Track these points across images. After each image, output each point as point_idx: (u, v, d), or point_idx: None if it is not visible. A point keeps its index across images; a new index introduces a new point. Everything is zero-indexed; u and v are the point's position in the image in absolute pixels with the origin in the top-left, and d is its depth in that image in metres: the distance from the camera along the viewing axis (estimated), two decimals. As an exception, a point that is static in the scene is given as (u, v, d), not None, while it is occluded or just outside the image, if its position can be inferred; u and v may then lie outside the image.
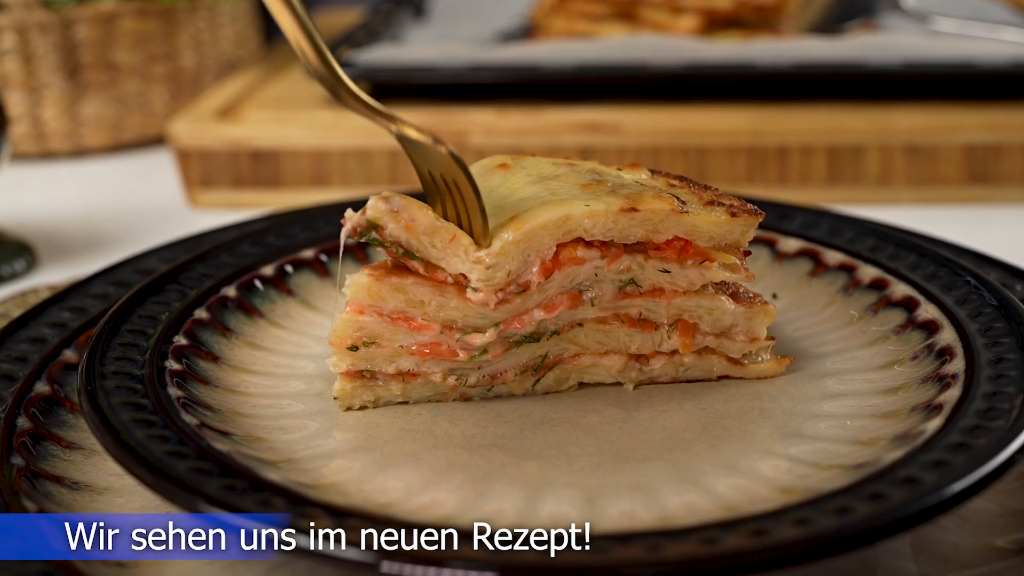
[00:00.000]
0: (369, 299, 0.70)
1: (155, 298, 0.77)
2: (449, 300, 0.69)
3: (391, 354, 0.71)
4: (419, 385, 0.72)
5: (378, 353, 0.71)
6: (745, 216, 0.72)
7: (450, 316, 0.70)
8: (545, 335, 0.72)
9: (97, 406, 0.64)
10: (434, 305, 0.69)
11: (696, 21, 1.39)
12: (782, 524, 0.55)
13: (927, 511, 0.55)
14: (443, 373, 0.71)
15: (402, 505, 0.61)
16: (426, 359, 0.71)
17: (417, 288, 0.69)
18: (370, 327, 0.70)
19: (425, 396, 0.72)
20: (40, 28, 1.38)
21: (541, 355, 0.72)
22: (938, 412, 0.65)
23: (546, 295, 0.70)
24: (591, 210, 0.69)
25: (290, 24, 0.63)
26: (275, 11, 0.63)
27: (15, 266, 1.09)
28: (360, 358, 0.71)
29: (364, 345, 0.71)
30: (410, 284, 0.69)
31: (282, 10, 0.63)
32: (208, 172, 1.27)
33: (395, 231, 0.69)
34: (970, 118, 1.21)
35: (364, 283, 0.70)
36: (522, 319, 0.70)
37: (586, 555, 0.53)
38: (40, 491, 0.65)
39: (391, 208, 0.68)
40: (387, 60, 1.32)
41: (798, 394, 0.72)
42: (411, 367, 0.71)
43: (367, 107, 0.66)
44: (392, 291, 0.69)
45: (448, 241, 0.68)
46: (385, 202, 0.68)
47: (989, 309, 0.74)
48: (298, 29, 0.63)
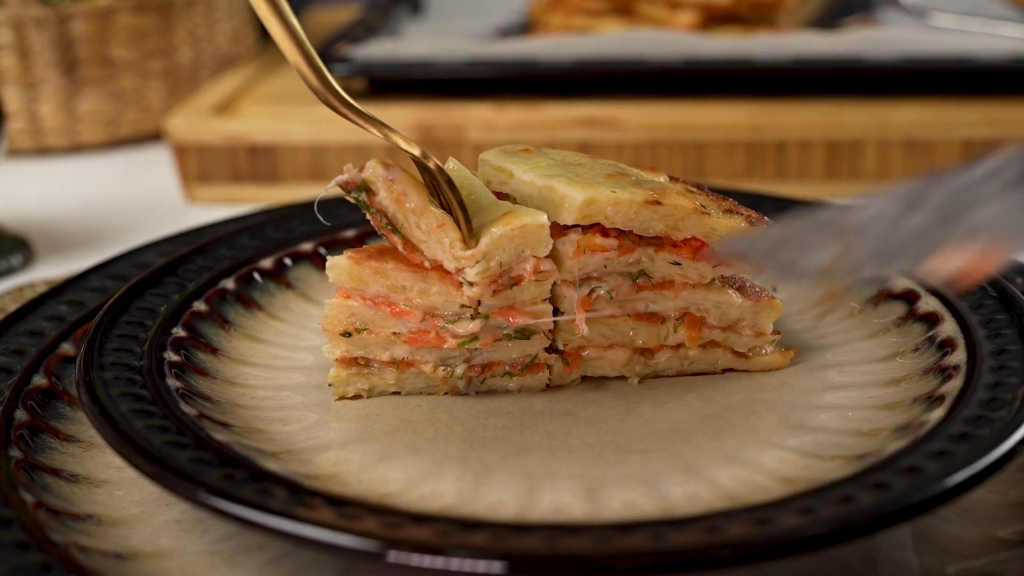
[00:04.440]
0: (351, 281, 0.70)
1: (154, 290, 0.77)
2: (431, 286, 0.69)
3: (384, 341, 0.71)
4: (412, 375, 0.72)
5: (371, 340, 0.71)
6: (762, 227, 0.72)
7: (432, 303, 0.69)
8: (538, 333, 0.71)
9: (96, 397, 0.64)
10: (416, 291, 0.69)
11: (694, 16, 1.39)
12: (785, 513, 0.54)
13: (931, 500, 0.54)
14: (434, 363, 0.71)
15: (402, 496, 0.60)
16: (417, 347, 0.70)
17: (398, 273, 0.69)
18: (360, 313, 0.70)
19: (417, 388, 0.72)
20: (36, 23, 1.38)
21: (531, 355, 0.72)
22: (940, 403, 0.64)
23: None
24: (616, 197, 0.69)
25: (283, 39, 0.63)
26: (267, 22, 0.63)
27: (12, 261, 1.08)
28: (353, 344, 0.71)
29: (356, 331, 0.71)
30: (391, 269, 0.69)
31: (273, 22, 0.63)
32: (205, 167, 1.26)
33: (385, 200, 0.68)
34: (968, 113, 1.21)
35: (344, 265, 0.70)
36: (513, 312, 0.70)
37: (590, 544, 0.53)
38: (38, 483, 0.65)
39: (388, 176, 0.68)
40: (384, 55, 1.31)
41: (800, 386, 0.72)
42: (405, 355, 0.71)
43: (359, 114, 0.66)
44: (373, 274, 0.70)
45: (434, 227, 0.68)
46: (384, 168, 0.68)
47: (990, 301, 0.74)
48: (292, 45, 0.63)
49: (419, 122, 1.24)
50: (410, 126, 1.23)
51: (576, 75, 1.28)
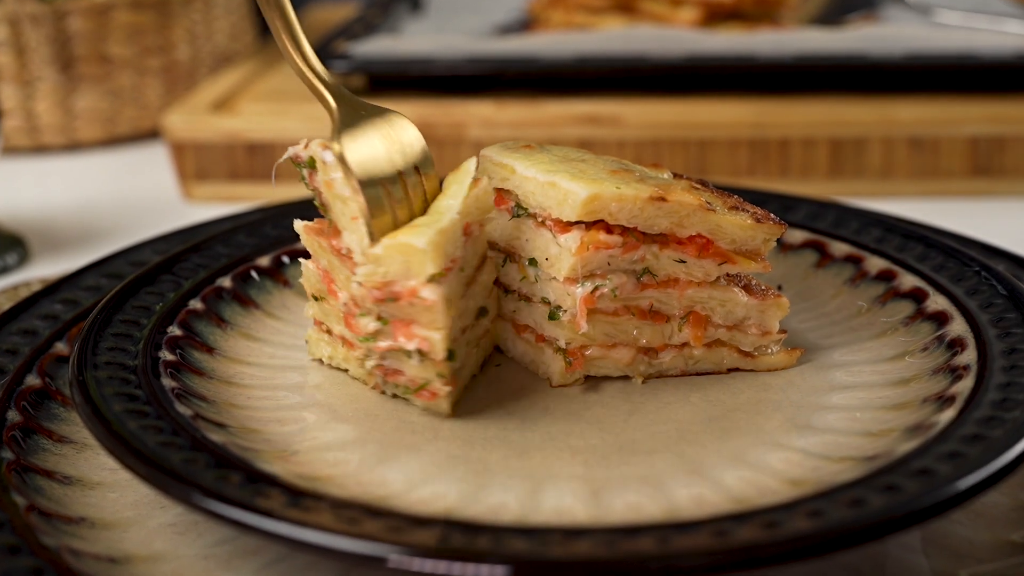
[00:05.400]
0: (308, 248, 0.72)
1: (149, 288, 0.76)
2: (346, 273, 0.69)
3: (335, 314, 0.71)
4: (352, 358, 0.71)
5: (328, 309, 0.72)
6: (769, 224, 0.71)
7: (352, 291, 0.68)
8: (431, 360, 0.66)
9: (89, 397, 0.63)
10: (342, 277, 0.69)
11: (696, 13, 1.38)
12: (795, 516, 0.53)
13: (944, 503, 0.53)
14: (362, 351, 0.69)
15: (402, 498, 0.59)
16: (349, 329, 0.70)
17: (326, 253, 0.70)
18: (316, 281, 0.72)
19: (357, 373, 0.72)
20: (33, 20, 1.37)
21: (425, 379, 0.67)
22: (951, 403, 0.63)
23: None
24: (621, 193, 0.68)
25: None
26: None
27: (7, 259, 1.07)
28: (319, 310, 0.73)
29: (316, 298, 0.73)
30: (324, 249, 0.70)
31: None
32: (203, 165, 1.25)
33: (318, 181, 0.69)
34: (973, 110, 1.19)
35: (299, 227, 0.72)
36: (405, 328, 0.66)
37: (596, 548, 0.52)
38: (30, 486, 0.63)
39: (323, 159, 0.68)
40: (384, 52, 1.30)
41: (806, 386, 0.71)
42: (343, 334, 0.71)
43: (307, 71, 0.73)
44: (316, 248, 0.71)
45: (351, 218, 0.67)
46: (322, 149, 0.68)
47: (1000, 300, 0.72)
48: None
49: (419, 119, 1.22)
50: (410, 123, 1.22)
51: (577, 72, 1.27)
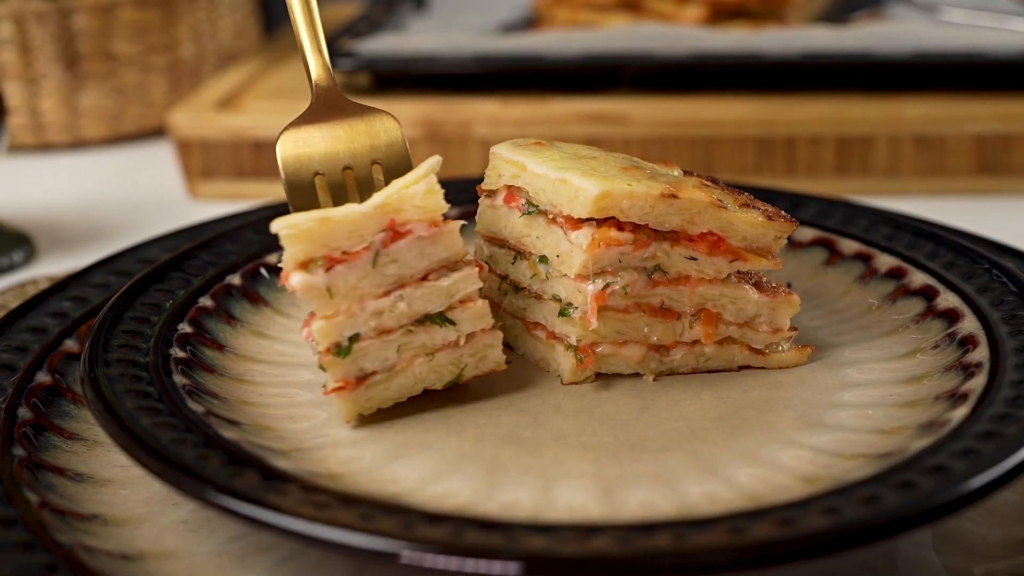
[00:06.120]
0: None
1: (159, 286, 0.76)
2: None
3: None
4: None
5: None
6: (780, 221, 0.71)
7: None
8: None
9: (101, 393, 0.63)
10: None
11: (702, 11, 1.38)
12: (810, 514, 0.53)
13: (960, 500, 0.53)
14: None
15: (414, 495, 0.59)
16: None
17: None
18: None
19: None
20: (38, 18, 1.37)
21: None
22: (964, 401, 0.63)
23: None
24: (632, 190, 0.68)
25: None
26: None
27: (13, 257, 1.07)
28: None
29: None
30: None
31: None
32: (209, 163, 1.25)
33: None
34: (980, 108, 1.19)
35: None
36: (310, 322, 0.68)
37: (611, 545, 0.51)
38: (42, 482, 0.63)
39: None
40: (389, 50, 1.30)
41: (817, 383, 0.71)
42: None
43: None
44: None
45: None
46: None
47: (1011, 297, 0.72)
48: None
49: (424, 117, 1.23)
50: (415, 121, 1.22)
51: (582, 70, 1.27)
